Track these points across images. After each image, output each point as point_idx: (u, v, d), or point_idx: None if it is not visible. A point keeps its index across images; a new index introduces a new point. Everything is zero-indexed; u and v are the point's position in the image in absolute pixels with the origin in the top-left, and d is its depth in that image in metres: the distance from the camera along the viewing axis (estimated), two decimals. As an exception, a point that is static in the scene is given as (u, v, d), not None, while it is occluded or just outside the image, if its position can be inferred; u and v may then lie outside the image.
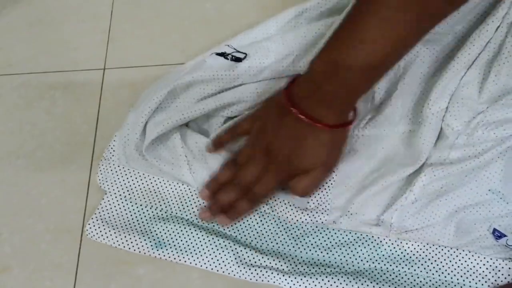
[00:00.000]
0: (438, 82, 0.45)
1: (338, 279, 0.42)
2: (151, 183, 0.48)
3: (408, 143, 0.47)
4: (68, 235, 0.47)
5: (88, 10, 0.63)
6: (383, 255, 0.43)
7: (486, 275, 0.41)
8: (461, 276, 0.42)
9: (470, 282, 0.41)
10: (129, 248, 0.45)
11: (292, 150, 0.43)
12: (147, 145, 0.47)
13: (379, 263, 0.43)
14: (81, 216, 0.48)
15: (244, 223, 0.46)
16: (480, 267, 0.42)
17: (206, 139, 0.48)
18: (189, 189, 0.47)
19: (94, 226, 0.46)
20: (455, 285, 0.41)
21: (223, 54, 0.52)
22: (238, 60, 0.51)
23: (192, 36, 0.59)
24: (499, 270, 0.41)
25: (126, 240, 0.45)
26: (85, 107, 0.55)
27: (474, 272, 0.42)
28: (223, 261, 0.43)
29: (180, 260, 0.44)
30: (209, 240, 0.44)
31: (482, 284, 0.41)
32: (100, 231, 0.46)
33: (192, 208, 0.47)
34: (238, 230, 0.46)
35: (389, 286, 0.41)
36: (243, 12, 0.60)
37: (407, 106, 0.48)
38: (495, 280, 0.41)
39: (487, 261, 0.42)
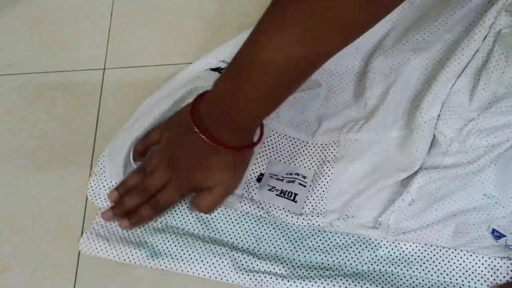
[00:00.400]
0: (429, 91, 0.46)
1: (337, 282, 0.42)
2: None
3: (401, 149, 0.47)
4: (68, 235, 0.47)
5: (88, 10, 0.63)
6: (381, 256, 0.43)
7: (485, 275, 0.41)
8: (460, 277, 0.42)
9: (469, 282, 0.41)
10: (124, 260, 0.44)
11: (194, 168, 0.43)
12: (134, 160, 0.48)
13: (377, 265, 0.43)
14: (81, 216, 0.48)
15: (240, 227, 0.46)
16: (478, 267, 0.42)
17: None
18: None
19: (88, 240, 0.46)
20: (454, 286, 0.41)
21: (217, 69, 0.52)
22: None
23: (192, 36, 0.59)
24: (498, 269, 0.41)
25: (121, 252, 0.45)
26: (85, 107, 0.55)
27: (473, 272, 0.42)
28: (220, 268, 0.43)
29: (177, 269, 0.44)
30: (205, 248, 0.44)
31: (482, 284, 0.41)
32: (94, 245, 0.45)
33: (187, 215, 0.47)
34: (235, 236, 0.45)
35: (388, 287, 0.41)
36: (243, 12, 0.60)
37: (399, 111, 0.49)
38: (494, 280, 0.41)
39: (485, 261, 0.42)
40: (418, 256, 0.43)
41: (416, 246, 0.43)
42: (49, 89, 0.57)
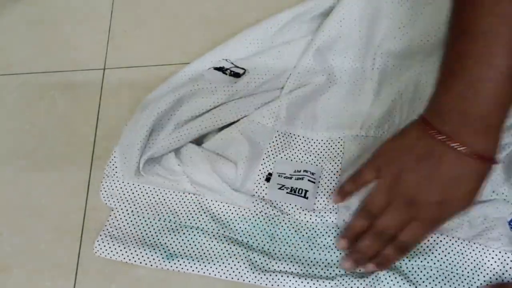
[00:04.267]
0: None
1: (354, 277, 0.42)
2: (157, 195, 0.48)
3: None
4: (68, 235, 0.47)
5: (88, 10, 0.63)
6: None
7: (494, 268, 0.42)
8: (471, 269, 0.42)
9: (478, 275, 0.42)
10: (140, 262, 0.44)
11: (449, 198, 0.39)
12: (143, 165, 0.47)
13: None
14: (81, 216, 0.48)
15: (254, 227, 0.46)
16: (488, 260, 0.42)
17: (201, 149, 0.48)
18: (196, 197, 0.47)
19: (103, 243, 0.45)
20: (465, 279, 0.42)
21: (221, 69, 0.52)
22: (236, 75, 0.52)
23: (192, 36, 0.59)
24: (508, 264, 0.42)
25: (137, 254, 0.44)
26: (85, 107, 0.55)
27: (482, 266, 0.42)
28: (236, 269, 0.43)
29: (193, 270, 0.44)
30: (221, 249, 0.44)
31: (490, 278, 0.42)
32: (110, 247, 0.45)
33: (201, 215, 0.46)
34: (249, 235, 0.46)
35: (402, 279, 0.42)
36: (243, 12, 0.60)
37: (412, 113, 0.49)
38: (503, 274, 0.42)
39: (496, 255, 0.42)
40: (433, 247, 0.43)
41: (432, 237, 0.43)
42: (49, 89, 0.57)
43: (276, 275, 0.43)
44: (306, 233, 0.45)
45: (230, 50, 0.54)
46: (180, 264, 0.44)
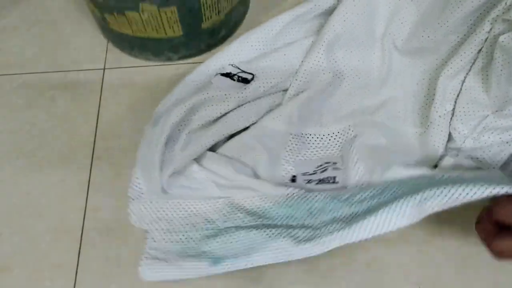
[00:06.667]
0: (438, 86, 0.47)
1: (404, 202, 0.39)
2: (189, 208, 0.47)
3: (420, 145, 0.48)
4: (68, 235, 0.47)
5: (88, 10, 0.63)
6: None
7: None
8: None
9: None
10: (191, 275, 0.43)
11: None
12: (167, 180, 0.46)
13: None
14: (81, 216, 0.48)
15: (291, 207, 0.45)
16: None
17: (220, 156, 0.48)
18: (226, 200, 0.47)
19: (147, 267, 0.44)
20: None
21: (228, 75, 0.52)
22: (245, 81, 0.51)
23: (192, 36, 0.59)
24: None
25: (184, 269, 0.43)
26: (85, 107, 0.55)
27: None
28: (282, 248, 0.41)
29: (239, 266, 0.42)
30: (261, 235, 0.43)
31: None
32: (155, 270, 0.44)
33: (236, 214, 0.46)
34: (287, 217, 0.45)
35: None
36: (243, 12, 0.60)
37: (410, 106, 0.50)
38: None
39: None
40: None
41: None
42: (49, 89, 0.57)
43: (321, 239, 0.40)
44: (342, 198, 0.44)
45: (232, 53, 0.53)
46: (227, 264, 0.43)
